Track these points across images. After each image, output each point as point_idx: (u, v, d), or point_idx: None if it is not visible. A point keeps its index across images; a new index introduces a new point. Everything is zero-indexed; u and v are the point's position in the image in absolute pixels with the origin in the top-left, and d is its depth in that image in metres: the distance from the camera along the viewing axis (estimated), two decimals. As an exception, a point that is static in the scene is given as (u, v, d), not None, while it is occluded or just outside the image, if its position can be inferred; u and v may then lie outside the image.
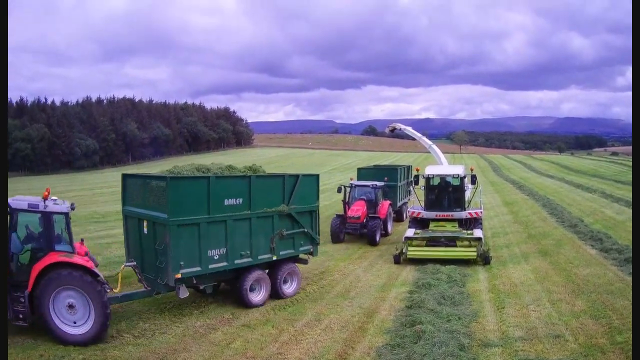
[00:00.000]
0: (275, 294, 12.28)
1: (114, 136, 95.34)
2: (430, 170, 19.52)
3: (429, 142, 26.70)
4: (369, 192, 21.72)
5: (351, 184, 22.17)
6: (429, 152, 27.32)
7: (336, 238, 20.52)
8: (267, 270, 12.36)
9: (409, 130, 27.21)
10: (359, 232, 20.29)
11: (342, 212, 21.12)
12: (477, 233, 17.37)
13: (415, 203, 20.37)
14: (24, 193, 33.50)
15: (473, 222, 18.61)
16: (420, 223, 18.86)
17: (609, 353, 8.72)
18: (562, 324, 10.27)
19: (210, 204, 10.71)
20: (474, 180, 19.49)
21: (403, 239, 17.45)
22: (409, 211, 20.97)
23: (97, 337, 9.27)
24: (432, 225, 18.59)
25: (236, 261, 11.34)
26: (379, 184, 21.90)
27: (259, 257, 11.81)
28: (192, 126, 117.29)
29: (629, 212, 25.61)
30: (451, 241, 16.94)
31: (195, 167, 12.10)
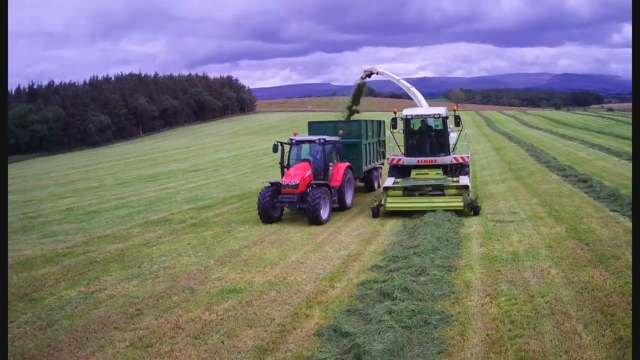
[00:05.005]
0: None
1: (125, 111, 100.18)
2: (408, 111, 17.75)
3: (407, 84, 24.09)
4: (315, 150, 16.50)
5: (291, 140, 16.82)
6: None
7: (266, 217, 15.30)
8: None
9: (386, 72, 24.28)
10: (296, 206, 15.17)
11: (279, 180, 16.08)
12: (464, 180, 15.81)
13: (395, 149, 18.58)
14: (57, 170, 41.01)
15: (459, 169, 17.29)
16: (400, 171, 17.42)
17: (545, 219, 14.07)
18: (519, 208, 15.78)
19: None
20: (457, 121, 17.08)
21: (381, 189, 16.18)
22: (388, 158, 18.44)
23: None
24: (413, 173, 17.19)
25: None
26: (330, 138, 16.63)
27: None
28: (198, 96, 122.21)
29: (600, 154, 30.75)
30: (435, 190, 15.63)
31: None
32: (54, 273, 11.44)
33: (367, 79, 24.23)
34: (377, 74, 23.90)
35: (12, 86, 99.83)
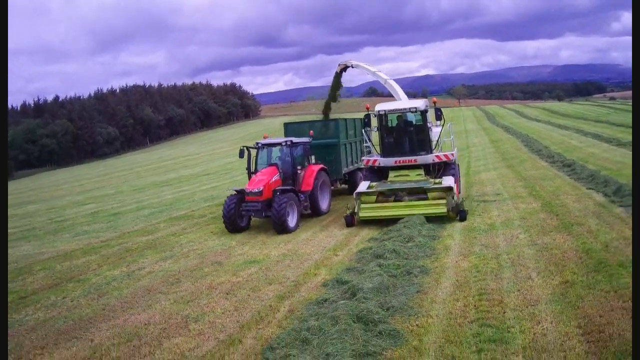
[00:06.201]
0: None
1: (132, 121, 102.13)
2: (382, 106, 15.92)
3: (385, 76, 21.95)
4: (283, 153, 15.69)
5: (257, 143, 15.95)
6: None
7: (232, 226, 14.62)
8: None
9: (362, 65, 22.33)
10: (262, 214, 14.37)
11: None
12: (447, 181, 14.36)
13: (371, 150, 17.19)
14: (70, 181, 43.13)
15: (444, 168, 15.55)
16: (377, 173, 15.88)
17: (525, 197, 15.80)
18: (504, 190, 17.54)
19: None
20: (439, 114, 15.59)
21: (354, 195, 14.70)
22: (362, 159, 17.08)
23: None
24: (391, 175, 15.52)
25: None
26: (298, 140, 15.80)
27: None
28: (203, 104, 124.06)
29: (591, 141, 32.04)
30: (415, 194, 14.03)
31: None
32: (94, 260, 13.35)
33: (343, 73, 22.64)
34: (353, 67, 22.12)
35: (16, 102, 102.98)
